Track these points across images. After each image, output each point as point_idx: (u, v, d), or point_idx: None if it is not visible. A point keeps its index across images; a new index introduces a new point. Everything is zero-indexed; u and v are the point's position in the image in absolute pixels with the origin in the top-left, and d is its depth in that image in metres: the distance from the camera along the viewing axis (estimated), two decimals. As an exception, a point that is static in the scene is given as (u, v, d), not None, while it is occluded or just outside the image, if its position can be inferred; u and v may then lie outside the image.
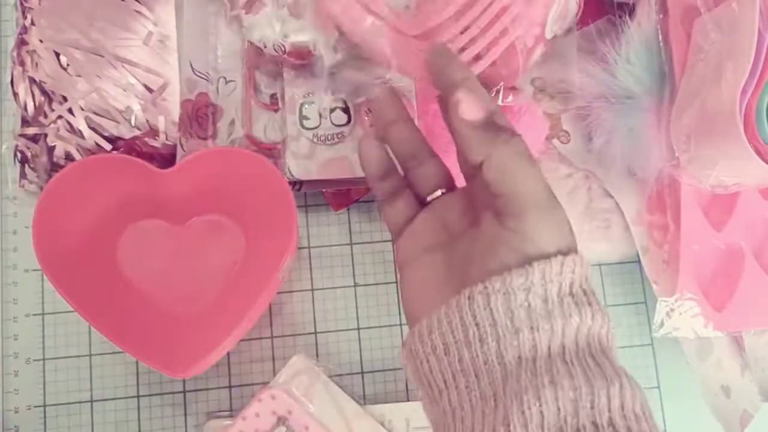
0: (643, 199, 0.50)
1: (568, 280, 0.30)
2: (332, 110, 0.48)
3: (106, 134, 0.46)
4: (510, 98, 0.48)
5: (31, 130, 0.46)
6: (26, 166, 0.47)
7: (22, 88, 0.46)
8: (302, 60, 0.47)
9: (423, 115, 0.48)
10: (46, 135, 0.46)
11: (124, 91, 0.46)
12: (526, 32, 0.45)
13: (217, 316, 0.45)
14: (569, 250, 0.31)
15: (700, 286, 0.48)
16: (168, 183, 0.45)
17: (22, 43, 0.46)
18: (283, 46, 0.45)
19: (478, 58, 0.45)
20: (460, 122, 0.33)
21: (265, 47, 0.46)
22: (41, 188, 0.46)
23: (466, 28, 0.44)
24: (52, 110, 0.46)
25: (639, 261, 0.50)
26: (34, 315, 0.49)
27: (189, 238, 0.48)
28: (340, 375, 0.49)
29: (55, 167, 0.46)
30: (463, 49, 0.45)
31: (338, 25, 0.45)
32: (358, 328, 0.50)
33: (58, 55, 0.46)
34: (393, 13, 0.45)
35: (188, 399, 0.48)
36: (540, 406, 0.28)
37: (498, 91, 0.48)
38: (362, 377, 0.49)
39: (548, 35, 0.47)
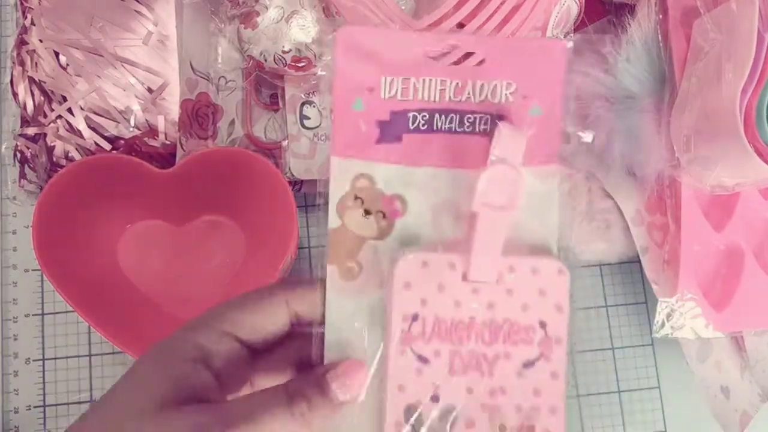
0: (643, 200, 0.50)
1: None
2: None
3: (105, 134, 0.46)
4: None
5: (31, 130, 0.46)
6: (26, 165, 0.47)
7: (21, 88, 0.46)
8: (303, 71, 0.47)
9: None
10: (45, 135, 0.46)
11: (124, 90, 0.46)
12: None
13: (217, 316, 0.45)
14: None
15: (701, 287, 0.48)
16: (168, 183, 0.45)
17: (22, 43, 0.46)
18: (284, 59, 0.46)
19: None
20: None
21: (265, 61, 0.46)
22: (41, 188, 0.46)
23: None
24: (52, 110, 0.46)
25: (639, 261, 0.50)
26: (33, 315, 0.49)
27: (189, 238, 0.48)
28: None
29: (54, 167, 0.46)
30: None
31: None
32: (358, 329, 0.50)
33: (57, 54, 0.46)
34: (401, 18, 0.45)
35: (188, 399, 0.48)
36: None
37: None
38: (362, 377, 0.49)
39: (548, 38, 0.47)
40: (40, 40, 0.46)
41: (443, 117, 0.33)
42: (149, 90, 0.47)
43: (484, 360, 0.32)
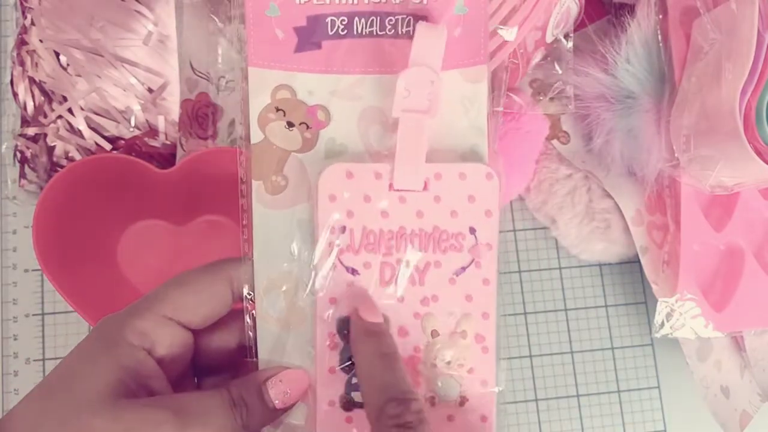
0: (642, 200, 0.50)
1: None
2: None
3: (106, 134, 0.46)
4: (507, 101, 0.48)
5: (31, 130, 0.46)
6: (26, 165, 0.47)
7: (21, 88, 0.46)
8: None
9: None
10: (45, 135, 0.46)
11: (124, 91, 0.46)
12: (527, 37, 0.45)
13: (216, 316, 0.45)
14: None
15: (700, 287, 0.48)
16: (168, 183, 0.45)
17: (22, 43, 0.46)
18: None
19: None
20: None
21: None
22: (41, 188, 0.46)
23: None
24: (52, 110, 0.46)
25: (639, 261, 0.50)
26: (33, 315, 0.49)
27: (189, 238, 0.48)
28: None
29: (54, 167, 0.46)
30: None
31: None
32: (358, 328, 0.50)
33: (58, 55, 0.46)
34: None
35: (188, 399, 0.48)
36: None
37: (497, 95, 0.48)
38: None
39: (548, 39, 0.47)
40: (40, 40, 0.46)
41: (363, 20, 0.31)
42: (149, 90, 0.47)
43: (415, 269, 0.31)
